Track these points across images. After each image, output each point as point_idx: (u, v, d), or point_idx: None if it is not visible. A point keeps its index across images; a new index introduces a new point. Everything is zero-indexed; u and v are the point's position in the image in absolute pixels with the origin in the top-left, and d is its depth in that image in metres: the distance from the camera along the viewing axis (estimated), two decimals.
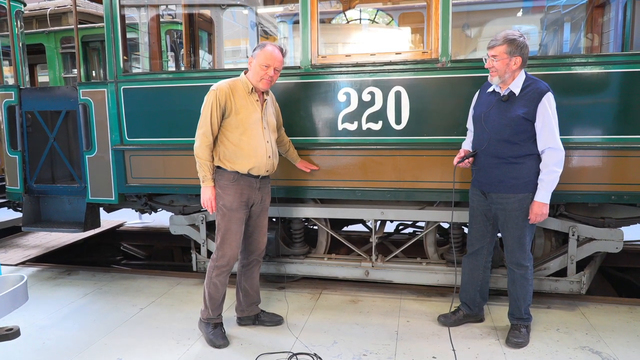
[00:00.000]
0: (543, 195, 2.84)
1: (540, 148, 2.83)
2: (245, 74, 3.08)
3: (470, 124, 3.15)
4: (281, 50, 3.02)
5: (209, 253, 4.14)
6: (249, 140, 3.00)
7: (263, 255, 3.35)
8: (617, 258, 4.42)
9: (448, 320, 3.27)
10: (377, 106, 3.48)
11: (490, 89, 2.95)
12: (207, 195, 3.03)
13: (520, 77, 2.84)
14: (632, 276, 4.76)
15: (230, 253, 3.07)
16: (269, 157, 3.08)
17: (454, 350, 2.91)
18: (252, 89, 3.02)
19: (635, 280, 4.72)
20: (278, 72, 3.04)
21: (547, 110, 2.76)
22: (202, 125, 2.98)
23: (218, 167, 3.06)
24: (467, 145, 3.16)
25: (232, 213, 3.04)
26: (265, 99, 3.11)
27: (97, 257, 6.24)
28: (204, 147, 2.98)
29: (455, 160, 3.05)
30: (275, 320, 3.39)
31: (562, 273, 3.60)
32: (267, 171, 3.13)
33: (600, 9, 4.87)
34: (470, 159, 3.04)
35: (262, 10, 7.08)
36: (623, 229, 3.50)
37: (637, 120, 3.13)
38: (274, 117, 3.21)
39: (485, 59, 2.86)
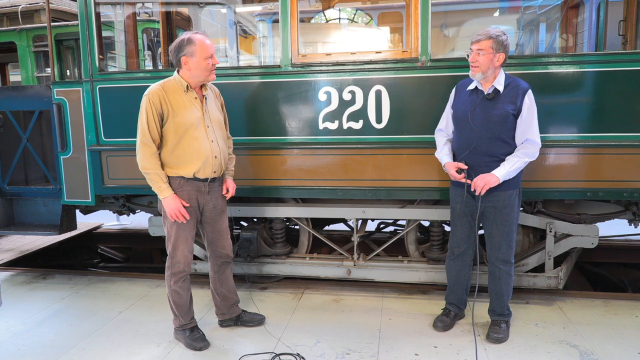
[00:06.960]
0: (502, 172, 2.81)
1: (519, 140, 2.86)
2: (178, 73, 2.87)
3: (446, 125, 3.09)
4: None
5: None
6: (190, 142, 2.82)
7: (232, 256, 3.24)
8: (592, 253, 4.52)
9: (447, 325, 3.24)
10: (358, 105, 3.48)
11: (472, 87, 2.93)
12: (172, 206, 2.82)
13: (502, 75, 2.87)
14: (606, 270, 4.88)
15: (183, 259, 2.97)
16: (215, 157, 2.90)
17: (477, 346, 2.91)
18: (187, 86, 2.83)
19: (610, 274, 4.84)
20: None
21: (532, 106, 2.83)
22: (140, 135, 2.79)
23: None
24: (444, 153, 3.05)
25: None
26: (205, 95, 2.92)
27: (73, 260, 6.10)
28: (148, 156, 2.79)
29: (459, 178, 2.93)
30: (257, 320, 3.37)
31: (539, 269, 3.67)
32: (215, 172, 2.95)
33: (575, 10, 4.98)
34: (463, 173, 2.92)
35: (241, 9, 7.02)
36: (598, 224, 3.58)
37: (611, 118, 3.21)
38: (219, 113, 3.03)
39: (468, 54, 2.85)
